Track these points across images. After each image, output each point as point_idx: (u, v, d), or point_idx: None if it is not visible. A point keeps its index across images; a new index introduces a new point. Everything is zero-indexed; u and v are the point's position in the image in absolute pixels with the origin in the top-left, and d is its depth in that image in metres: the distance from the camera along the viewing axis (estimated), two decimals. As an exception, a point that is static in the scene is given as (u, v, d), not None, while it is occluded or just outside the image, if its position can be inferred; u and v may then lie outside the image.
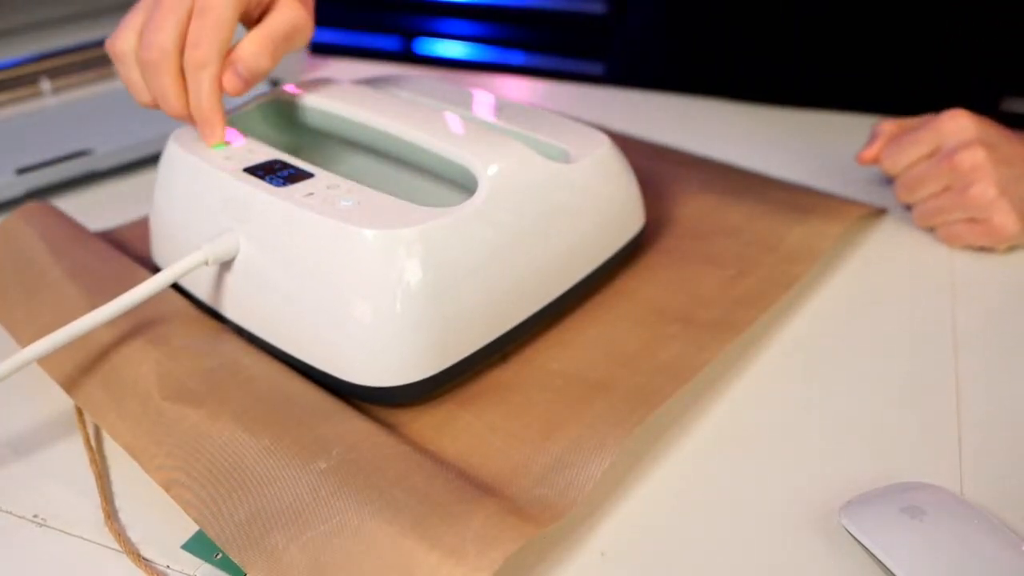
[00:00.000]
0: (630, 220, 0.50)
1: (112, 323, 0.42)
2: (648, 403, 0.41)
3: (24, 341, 0.44)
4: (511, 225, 0.42)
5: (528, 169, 0.44)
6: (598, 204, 0.47)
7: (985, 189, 0.53)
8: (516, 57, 1.68)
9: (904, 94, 0.69)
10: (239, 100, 0.52)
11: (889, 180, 0.63)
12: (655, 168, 0.63)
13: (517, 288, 0.43)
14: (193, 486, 0.36)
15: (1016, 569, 0.33)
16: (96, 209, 0.60)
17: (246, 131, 0.49)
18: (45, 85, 0.72)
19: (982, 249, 0.56)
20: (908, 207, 0.60)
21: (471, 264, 0.40)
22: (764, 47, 0.81)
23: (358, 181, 0.43)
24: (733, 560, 0.36)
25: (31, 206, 0.52)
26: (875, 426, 0.42)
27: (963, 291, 0.52)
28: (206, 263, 0.41)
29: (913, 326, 0.50)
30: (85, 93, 0.73)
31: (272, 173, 0.43)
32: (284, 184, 0.42)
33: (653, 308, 0.49)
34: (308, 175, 0.43)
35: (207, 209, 0.44)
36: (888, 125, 0.60)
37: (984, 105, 0.59)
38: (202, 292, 0.45)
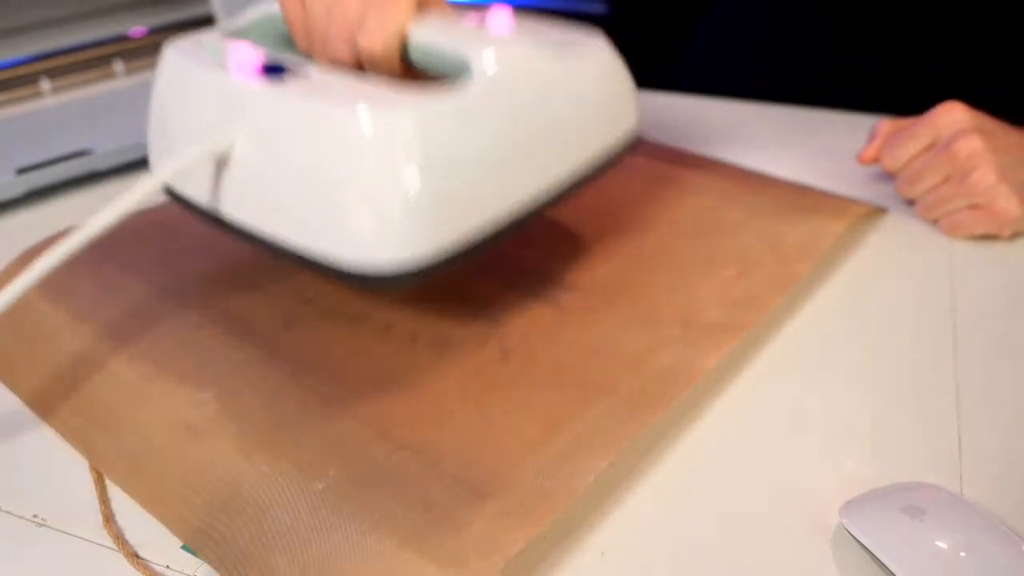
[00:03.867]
0: (624, 111, 0.50)
1: (103, 357, 0.42)
2: (650, 408, 0.41)
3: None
4: (508, 106, 0.42)
5: (522, 53, 0.44)
6: (593, 88, 0.47)
7: (985, 175, 0.53)
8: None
9: (905, 94, 0.69)
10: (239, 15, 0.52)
11: (890, 178, 0.63)
12: (655, 168, 0.63)
13: (514, 167, 0.43)
14: (196, 514, 0.36)
15: (1016, 569, 0.33)
16: (96, 209, 0.60)
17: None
18: (45, 85, 0.72)
19: (985, 238, 0.56)
20: (910, 203, 0.60)
21: (469, 142, 0.40)
22: (765, 45, 0.80)
23: None
24: (733, 560, 0.36)
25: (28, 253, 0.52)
26: (875, 426, 0.42)
27: (963, 291, 0.52)
28: (202, 159, 0.41)
29: (913, 326, 0.49)
30: (85, 93, 0.73)
31: (269, 71, 0.43)
32: (280, 78, 0.42)
33: (653, 309, 0.49)
34: (302, 70, 0.43)
35: (202, 107, 0.44)
36: (886, 124, 0.61)
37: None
38: (199, 195, 0.45)
